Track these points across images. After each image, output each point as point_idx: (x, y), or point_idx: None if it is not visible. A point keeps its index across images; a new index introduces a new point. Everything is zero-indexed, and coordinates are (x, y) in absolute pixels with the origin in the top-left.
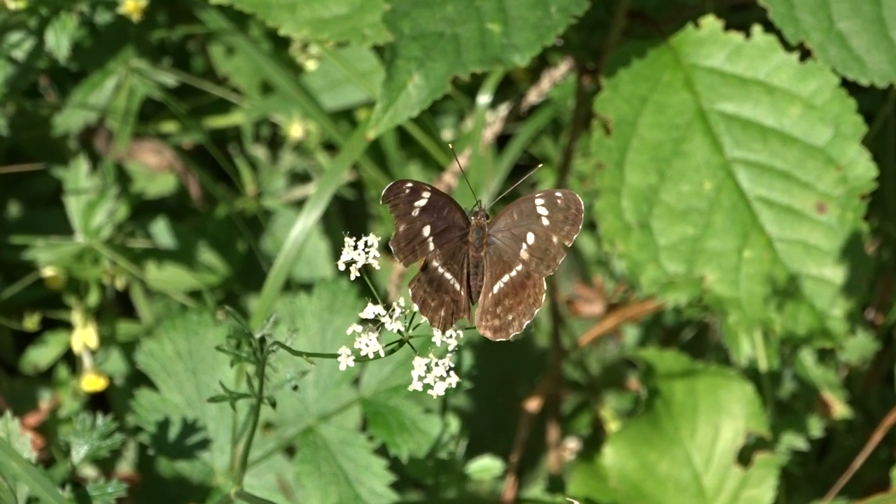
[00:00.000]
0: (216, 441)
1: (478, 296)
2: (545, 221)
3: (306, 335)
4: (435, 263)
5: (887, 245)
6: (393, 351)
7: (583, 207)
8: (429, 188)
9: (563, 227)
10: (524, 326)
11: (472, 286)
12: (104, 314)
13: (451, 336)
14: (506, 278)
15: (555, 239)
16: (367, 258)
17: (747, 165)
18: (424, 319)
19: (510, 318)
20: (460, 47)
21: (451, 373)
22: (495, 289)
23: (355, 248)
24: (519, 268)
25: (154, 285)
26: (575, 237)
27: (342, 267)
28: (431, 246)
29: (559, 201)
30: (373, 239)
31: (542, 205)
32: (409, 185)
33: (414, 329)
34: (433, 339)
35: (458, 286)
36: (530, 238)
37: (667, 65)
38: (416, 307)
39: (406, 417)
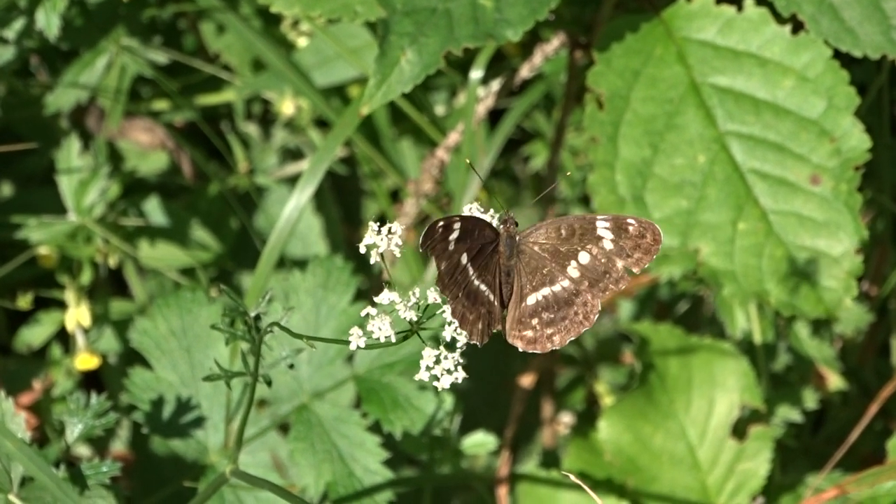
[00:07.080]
0: (210, 419)
1: (509, 302)
2: (608, 245)
3: (300, 312)
4: (471, 276)
5: (881, 216)
6: (406, 338)
7: (661, 238)
8: (458, 217)
9: (634, 254)
10: (566, 342)
11: (504, 293)
12: (97, 293)
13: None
14: (545, 291)
15: (619, 263)
16: (389, 244)
17: (741, 138)
18: (439, 311)
19: (549, 332)
20: (453, 22)
21: (459, 367)
22: (530, 300)
23: (378, 232)
24: (565, 283)
25: (147, 263)
26: (646, 266)
27: (363, 250)
28: (471, 270)
29: (631, 228)
30: (397, 226)
31: (607, 227)
32: (441, 223)
33: (426, 319)
34: (443, 334)
35: (491, 297)
36: (583, 258)
37: (659, 38)
38: (455, 322)
39: (400, 394)
